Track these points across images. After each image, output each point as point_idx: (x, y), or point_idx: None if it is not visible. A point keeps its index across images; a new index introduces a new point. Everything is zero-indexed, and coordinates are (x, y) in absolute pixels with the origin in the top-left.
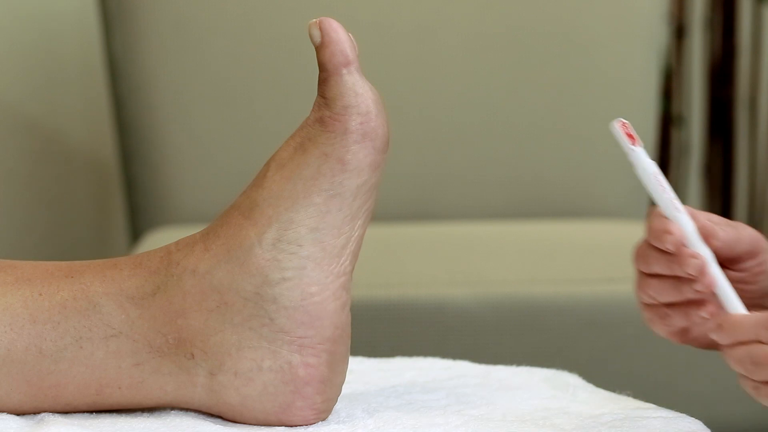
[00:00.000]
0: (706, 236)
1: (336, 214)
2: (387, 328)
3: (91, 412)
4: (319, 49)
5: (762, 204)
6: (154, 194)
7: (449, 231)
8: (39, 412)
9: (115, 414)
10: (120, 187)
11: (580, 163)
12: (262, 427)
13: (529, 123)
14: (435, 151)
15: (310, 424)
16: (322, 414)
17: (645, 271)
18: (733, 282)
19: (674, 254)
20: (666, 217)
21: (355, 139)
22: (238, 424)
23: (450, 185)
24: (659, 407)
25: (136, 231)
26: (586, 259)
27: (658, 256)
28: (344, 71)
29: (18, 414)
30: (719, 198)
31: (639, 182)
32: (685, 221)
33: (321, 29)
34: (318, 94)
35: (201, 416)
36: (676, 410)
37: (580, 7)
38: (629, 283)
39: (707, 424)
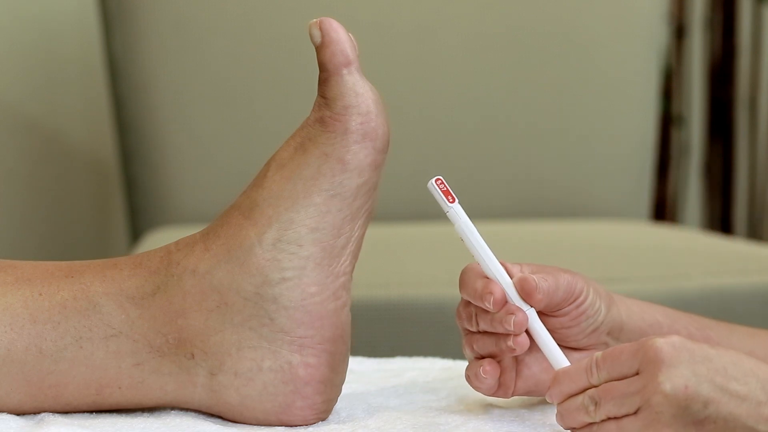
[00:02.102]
0: (529, 291)
1: (336, 214)
2: (387, 328)
3: (91, 412)
4: (320, 49)
5: (762, 204)
6: (154, 194)
7: (449, 231)
8: (39, 412)
9: (115, 414)
10: (120, 187)
11: (580, 163)
12: (262, 427)
13: (529, 123)
14: (435, 151)
15: (310, 424)
16: (322, 414)
17: (471, 329)
18: (557, 327)
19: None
20: (487, 277)
21: (355, 139)
22: (238, 424)
23: (450, 185)
24: None
25: (136, 231)
26: (586, 259)
27: (482, 314)
28: (344, 71)
29: (18, 414)
30: (719, 198)
31: (638, 182)
32: (504, 279)
33: (321, 29)
34: (318, 94)
35: (201, 416)
36: None
37: (580, 7)
38: (629, 283)
39: None
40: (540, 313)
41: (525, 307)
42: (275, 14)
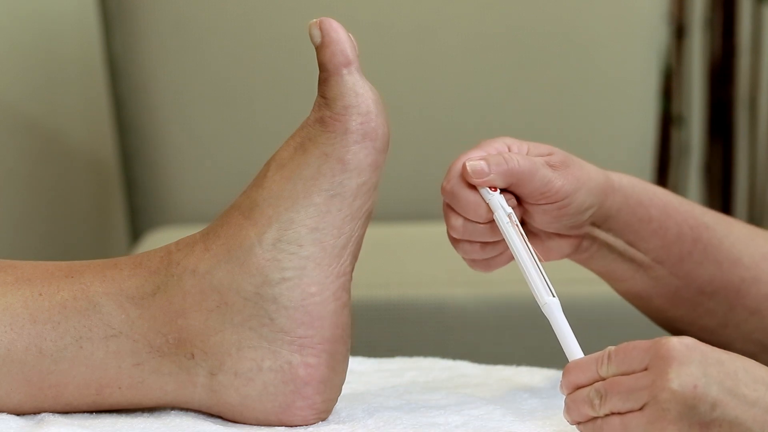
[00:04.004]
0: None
1: (336, 214)
2: (387, 328)
3: (91, 412)
4: (320, 49)
5: (762, 204)
6: (154, 194)
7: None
8: (39, 412)
9: (115, 414)
10: (120, 187)
11: None
12: (262, 427)
13: (529, 123)
14: (435, 151)
15: (310, 424)
16: (322, 414)
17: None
18: (537, 215)
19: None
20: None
21: (355, 139)
22: (238, 424)
23: None
24: None
25: (136, 231)
26: None
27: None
28: (344, 71)
29: (18, 414)
30: (719, 198)
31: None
32: (533, 273)
33: (321, 29)
34: (318, 94)
35: (201, 416)
36: None
37: (580, 7)
38: None
39: None
40: (520, 201)
41: (548, 296)
42: (275, 14)
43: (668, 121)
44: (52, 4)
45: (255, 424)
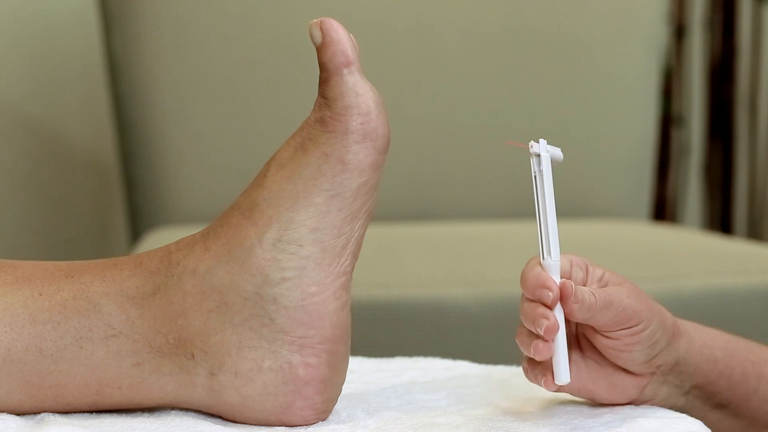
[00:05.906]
0: (565, 296)
1: (336, 215)
2: (387, 328)
3: (91, 412)
4: (320, 49)
5: (762, 204)
6: (154, 194)
7: (449, 231)
8: (39, 412)
9: (115, 414)
10: (120, 187)
11: (580, 163)
12: (262, 427)
13: (529, 123)
14: (435, 151)
15: (310, 424)
16: (323, 414)
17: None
18: (607, 347)
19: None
20: (544, 272)
21: (355, 139)
22: (238, 424)
23: (450, 185)
24: (659, 407)
25: (136, 231)
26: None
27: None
28: (345, 71)
29: (18, 414)
30: (719, 198)
31: (638, 182)
32: (550, 218)
33: (322, 29)
34: (319, 95)
35: (201, 416)
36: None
37: (580, 7)
38: None
39: None
40: (592, 330)
41: (548, 256)
42: (275, 14)
43: (668, 121)
44: (53, 4)
45: (255, 424)
